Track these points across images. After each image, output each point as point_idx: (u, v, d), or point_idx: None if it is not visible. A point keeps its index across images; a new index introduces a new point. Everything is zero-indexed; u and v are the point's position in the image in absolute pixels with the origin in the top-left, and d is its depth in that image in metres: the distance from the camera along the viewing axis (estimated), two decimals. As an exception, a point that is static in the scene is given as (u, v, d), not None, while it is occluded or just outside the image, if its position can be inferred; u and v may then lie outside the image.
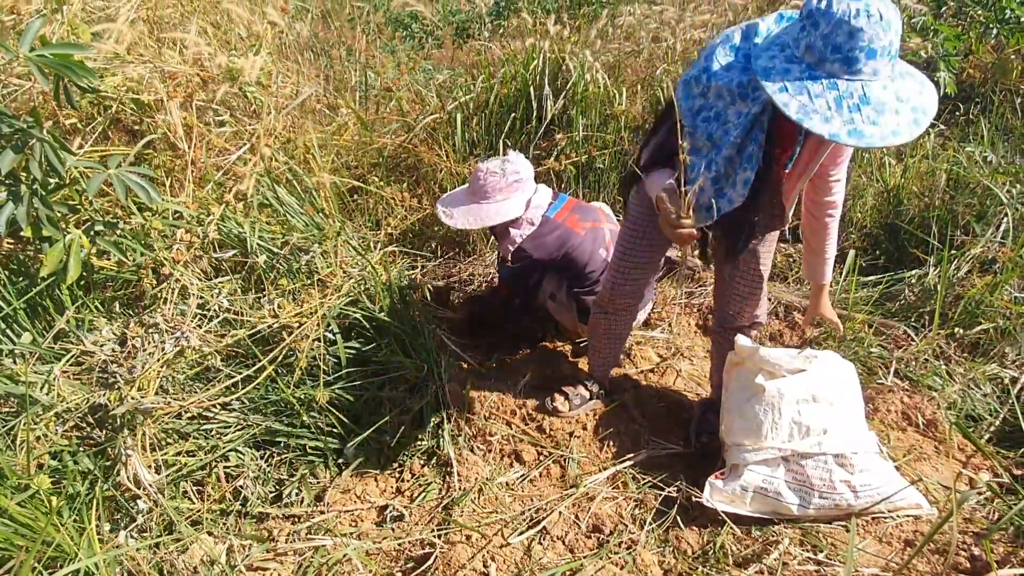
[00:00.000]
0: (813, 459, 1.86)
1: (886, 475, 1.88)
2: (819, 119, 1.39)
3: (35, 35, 1.66)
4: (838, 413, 1.92)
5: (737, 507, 1.90)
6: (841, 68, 1.39)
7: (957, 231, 2.94)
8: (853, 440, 1.88)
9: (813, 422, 1.89)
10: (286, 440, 2.11)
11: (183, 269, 2.09)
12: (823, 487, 1.84)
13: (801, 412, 1.90)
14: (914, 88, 1.43)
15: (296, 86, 3.05)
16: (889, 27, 1.35)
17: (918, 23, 3.62)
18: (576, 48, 3.52)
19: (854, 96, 1.39)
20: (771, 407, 1.92)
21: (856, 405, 1.99)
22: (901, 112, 1.39)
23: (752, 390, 1.98)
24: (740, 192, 1.65)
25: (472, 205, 2.52)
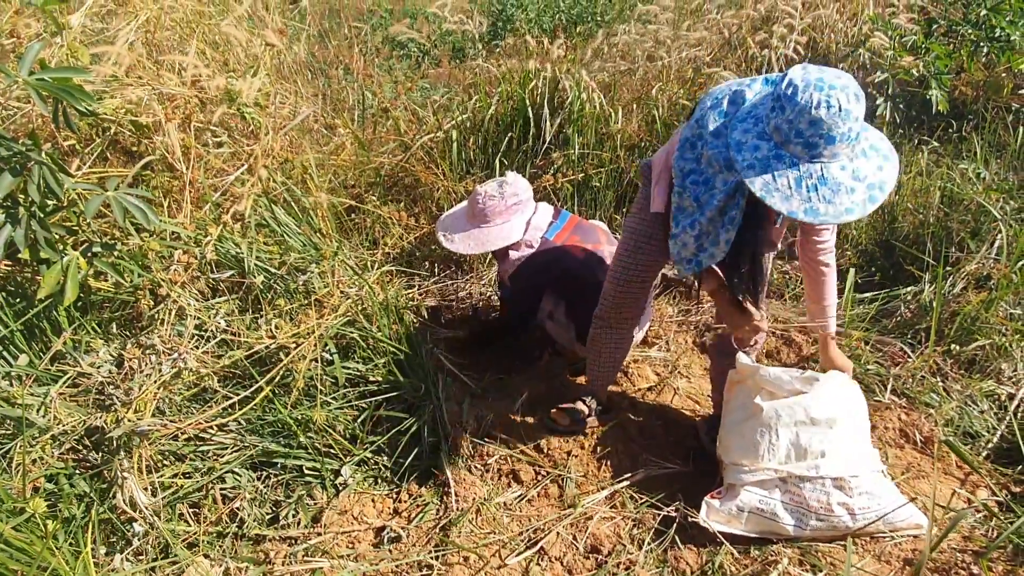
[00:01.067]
0: (811, 482, 1.85)
1: (887, 496, 1.87)
2: (780, 197, 1.51)
3: (34, 59, 1.68)
4: (838, 435, 1.90)
5: (733, 527, 1.90)
6: (803, 151, 1.50)
7: (952, 248, 2.96)
8: (852, 463, 1.87)
9: (811, 444, 1.88)
10: (283, 461, 2.11)
11: (180, 290, 2.09)
12: (820, 509, 1.84)
13: (799, 434, 1.89)
14: (873, 166, 1.53)
15: (294, 106, 3.07)
16: (848, 116, 1.45)
17: (909, 42, 3.66)
18: (572, 67, 3.55)
19: (813, 177, 1.51)
20: (768, 428, 1.91)
21: (860, 426, 1.98)
22: (856, 191, 1.51)
23: (750, 410, 1.97)
24: (722, 249, 1.75)
25: (473, 230, 2.53)
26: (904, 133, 3.72)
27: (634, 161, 3.54)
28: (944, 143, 3.66)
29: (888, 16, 3.75)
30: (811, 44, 3.94)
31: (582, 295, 2.53)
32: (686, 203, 1.77)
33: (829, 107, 1.45)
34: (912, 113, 3.77)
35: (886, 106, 3.59)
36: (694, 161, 1.74)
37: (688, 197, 1.75)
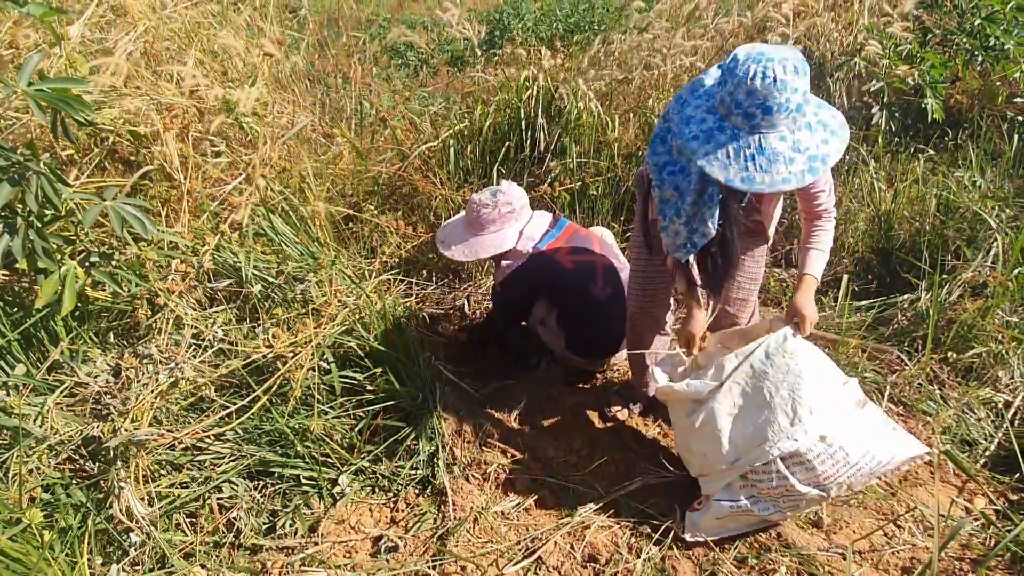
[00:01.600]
0: (763, 471, 1.82)
1: (861, 450, 1.78)
2: (719, 166, 1.60)
3: (33, 69, 1.68)
4: (775, 405, 1.83)
5: (720, 532, 1.94)
6: (743, 122, 1.58)
7: (948, 256, 2.96)
8: (801, 433, 1.78)
9: (750, 432, 1.84)
10: (280, 470, 2.10)
11: (178, 299, 2.09)
12: (786, 494, 1.82)
13: (734, 426, 1.88)
14: (817, 138, 1.59)
15: (292, 116, 3.08)
16: (784, 87, 1.52)
17: (904, 51, 3.67)
18: (569, 76, 3.56)
19: (751, 147, 1.58)
20: (709, 435, 1.91)
21: (804, 380, 1.84)
22: (795, 161, 1.57)
23: (687, 425, 1.97)
24: (711, 227, 1.80)
25: (468, 237, 2.55)
26: (900, 141, 3.73)
27: (631, 169, 3.55)
28: (940, 151, 3.67)
29: (883, 25, 3.76)
30: (806, 53, 3.96)
31: (573, 304, 2.54)
32: (667, 194, 1.83)
33: (764, 77, 1.51)
34: (908, 121, 3.78)
35: (882, 115, 3.60)
36: (666, 154, 1.82)
37: (668, 188, 1.82)
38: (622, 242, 3.49)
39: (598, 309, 2.54)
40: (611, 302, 2.54)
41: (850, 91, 3.87)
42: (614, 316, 2.54)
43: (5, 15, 2.19)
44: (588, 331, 2.58)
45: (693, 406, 1.96)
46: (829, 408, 1.82)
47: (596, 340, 2.61)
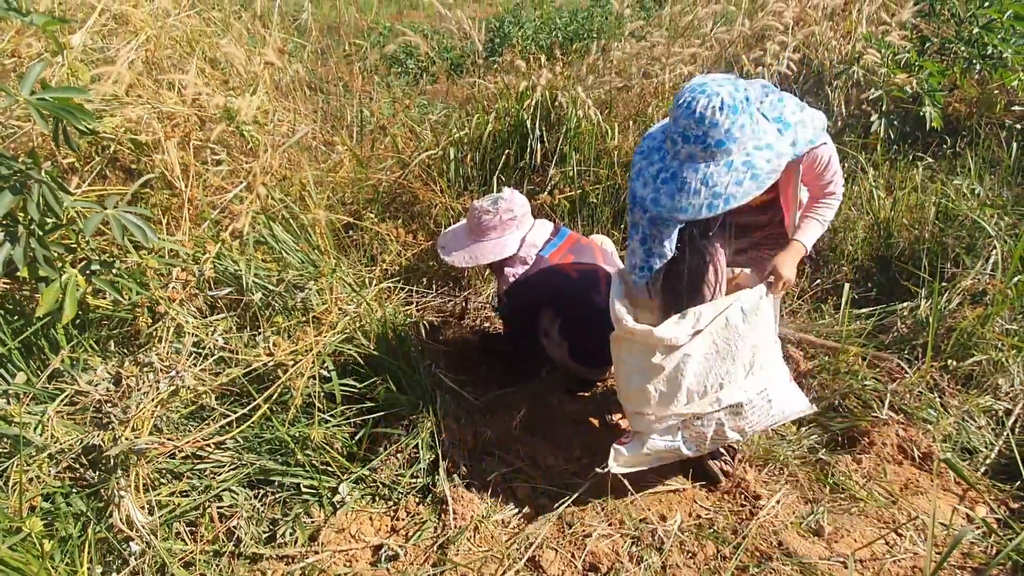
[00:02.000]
0: (707, 417, 1.96)
1: (779, 403, 1.98)
2: (640, 183, 1.72)
3: (35, 79, 1.69)
4: (737, 359, 1.95)
5: (639, 467, 2.05)
6: (670, 146, 1.67)
7: (947, 263, 2.97)
8: (749, 386, 1.96)
9: (710, 381, 1.95)
10: (280, 479, 2.10)
11: (178, 308, 2.09)
12: (715, 437, 2.00)
13: (697, 375, 1.94)
14: (730, 179, 1.61)
15: (292, 124, 3.09)
16: (702, 121, 1.58)
17: (902, 59, 3.69)
18: (568, 85, 3.57)
19: (668, 171, 1.67)
20: (671, 380, 1.95)
21: (755, 339, 1.96)
22: (699, 194, 1.62)
23: (650, 367, 1.97)
24: (669, 250, 1.85)
25: (469, 243, 2.56)
26: (899, 149, 3.74)
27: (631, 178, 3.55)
28: (938, 159, 3.68)
29: (881, 34, 3.78)
30: (805, 61, 3.98)
31: (576, 313, 2.53)
32: (636, 217, 1.88)
33: (688, 108, 1.57)
34: (906, 129, 3.80)
35: (880, 123, 3.62)
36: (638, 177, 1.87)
37: (637, 211, 1.85)
38: (622, 250, 3.50)
39: (601, 318, 2.54)
40: (613, 310, 2.55)
41: (849, 99, 3.89)
42: None
43: (8, 24, 2.20)
44: (591, 340, 2.57)
45: (665, 350, 1.95)
46: (771, 362, 2.01)
47: (598, 349, 2.60)
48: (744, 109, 1.60)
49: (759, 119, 1.67)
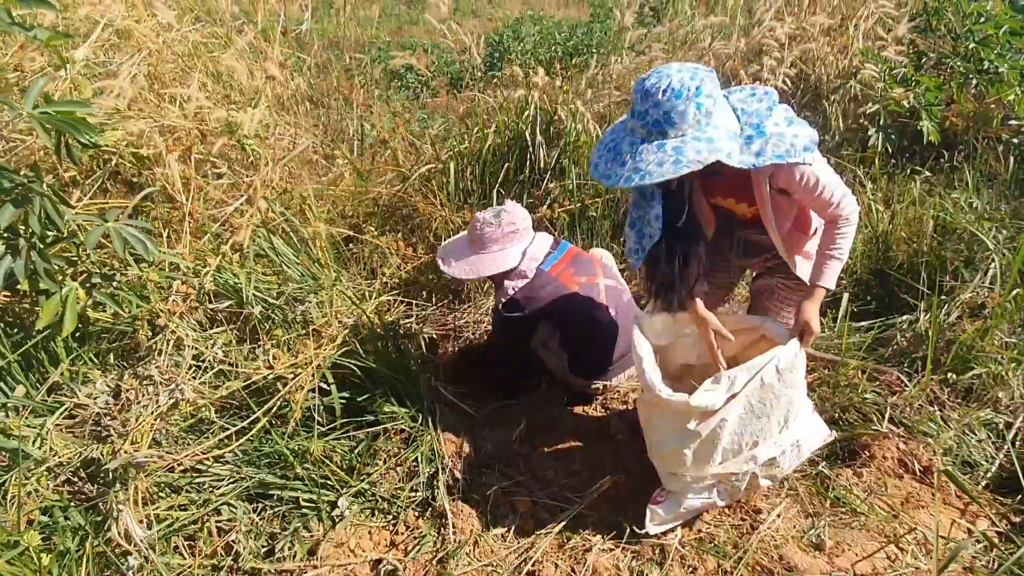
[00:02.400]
0: (742, 473, 1.94)
1: (805, 447, 1.98)
2: (595, 151, 1.75)
3: (39, 93, 1.70)
4: (772, 416, 1.92)
5: (675, 523, 2.03)
6: (626, 120, 1.72)
7: (946, 276, 2.98)
8: (783, 439, 1.94)
9: (744, 439, 1.92)
10: (279, 493, 2.09)
11: (179, 321, 2.09)
12: (748, 487, 1.99)
13: (732, 435, 1.92)
14: (654, 159, 1.62)
15: (293, 137, 3.10)
16: (646, 99, 1.62)
17: (899, 74, 3.72)
18: (568, 98, 3.60)
19: (615, 143, 1.71)
20: (706, 443, 1.91)
21: (790, 395, 1.93)
22: (625, 166, 1.65)
23: (685, 433, 1.92)
24: (655, 227, 1.87)
25: (470, 255, 2.56)
26: (896, 163, 3.76)
27: (630, 190, 3.56)
28: (936, 173, 3.70)
29: (878, 49, 3.81)
30: (802, 76, 4.01)
31: (576, 326, 2.54)
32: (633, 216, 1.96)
33: (640, 85, 1.63)
34: (904, 143, 3.82)
35: (878, 136, 3.64)
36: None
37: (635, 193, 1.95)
38: (621, 263, 3.51)
39: (601, 330, 2.55)
40: (613, 323, 2.56)
41: (846, 113, 3.91)
42: (615, 336, 2.55)
43: (11, 39, 2.22)
44: (590, 352, 2.58)
45: (700, 416, 1.91)
46: (803, 411, 2.00)
47: (598, 361, 2.61)
48: (690, 97, 1.59)
49: (716, 113, 1.65)
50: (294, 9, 4.60)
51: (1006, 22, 3.62)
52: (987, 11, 3.74)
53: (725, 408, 1.88)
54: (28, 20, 2.20)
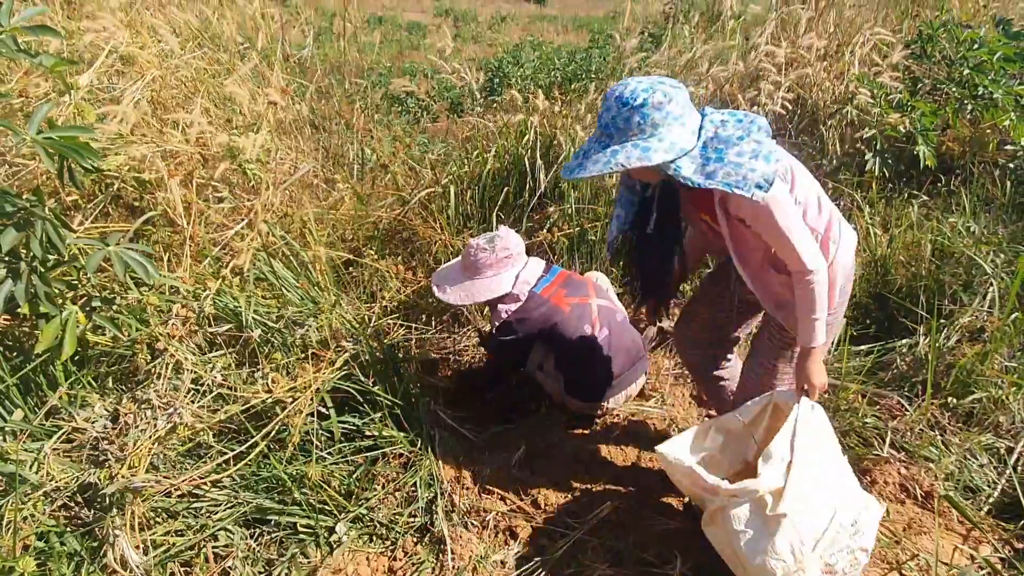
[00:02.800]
0: (840, 550, 1.77)
1: (874, 509, 1.86)
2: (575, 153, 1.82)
3: (43, 118, 1.72)
4: (831, 474, 1.87)
5: None
6: None
7: (945, 300, 2.98)
8: (853, 501, 1.84)
9: (825, 513, 1.79)
10: (277, 518, 2.08)
11: (178, 344, 2.09)
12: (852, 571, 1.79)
13: (812, 511, 1.78)
14: (601, 159, 1.71)
15: (294, 162, 3.12)
16: (606, 105, 1.72)
17: (895, 99, 3.75)
18: (567, 123, 3.62)
19: (586, 144, 1.79)
20: (797, 527, 1.77)
21: (832, 452, 1.92)
22: (576, 159, 1.78)
23: (770, 523, 1.79)
24: (614, 226, 2.07)
25: (464, 281, 2.57)
26: (894, 187, 3.78)
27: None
28: (933, 197, 3.72)
29: (873, 75, 3.85)
30: (799, 101, 4.05)
31: (570, 346, 2.54)
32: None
33: (610, 91, 1.72)
34: (901, 168, 3.84)
35: (875, 161, 3.66)
36: None
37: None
38: (620, 287, 3.51)
39: (595, 350, 2.55)
40: (607, 343, 2.56)
41: (843, 138, 3.94)
42: (611, 357, 2.55)
43: (17, 65, 2.25)
44: (586, 373, 2.58)
45: (773, 497, 1.79)
46: (848, 473, 1.93)
47: (594, 382, 2.60)
48: (635, 107, 1.65)
49: (664, 126, 1.68)
50: (295, 35, 4.66)
51: (1000, 48, 3.66)
52: (980, 38, 3.78)
53: (790, 480, 1.78)
54: (34, 47, 2.22)
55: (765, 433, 2.07)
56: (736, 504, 1.80)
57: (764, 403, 2.06)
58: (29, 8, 1.87)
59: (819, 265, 1.77)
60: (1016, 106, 3.56)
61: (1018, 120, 3.52)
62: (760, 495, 1.77)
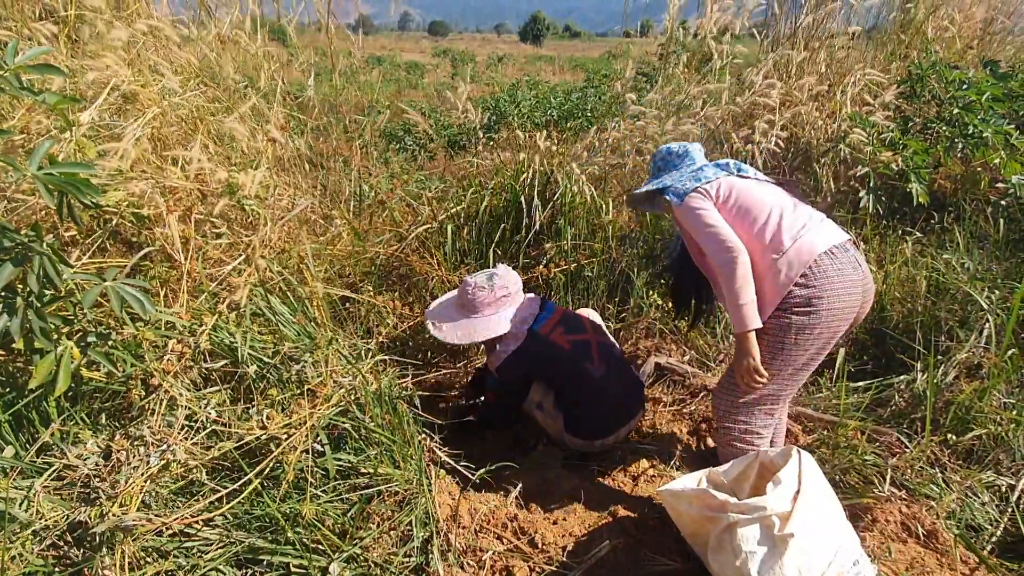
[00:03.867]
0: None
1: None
2: None
3: (43, 155, 1.73)
4: (833, 515, 1.90)
5: None
6: None
7: (942, 336, 2.99)
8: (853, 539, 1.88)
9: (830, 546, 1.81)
10: (269, 558, 2.04)
11: (172, 380, 2.08)
12: None
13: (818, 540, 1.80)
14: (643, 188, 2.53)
15: (292, 198, 3.14)
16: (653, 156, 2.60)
17: (887, 138, 3.81)
18: (564, 161, 3.67)
19: None
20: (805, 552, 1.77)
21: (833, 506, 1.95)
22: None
23: (779, 543, 1.79)
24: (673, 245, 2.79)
25: (461, 320, 2.56)
26: (888, 224, 3.82)
27: (625, 251, 3.60)
28: (927, 233, 3.75)
29: (866, 114, 3.91)
30: (792, 139, 4.10)
31: (570, 384, 2.52)
32: None
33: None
34: (894, 205, 3.88)
35: (868, 198, 3.70)
36: None
37: None
38: (618, 323, 3.51)
39: (595, 388, 2.53)
40: (607, 380, 2.54)
41: (837, 175, 3.99)
42: (611, 394, 2.54)
43: (19, 102, 2.27)
44: (586, 411, 2.56)
45: (776, 521, 1.80)
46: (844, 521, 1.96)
47: (595, 420, 2.59)
48: (656, 161, 2.57)
49: (671, 171, 2.49)
50: (295, 74, 4.72)
51: (988, 89, 3.73)
52: (968, 78, 3.86)
53: (796, 506, 1.79)
54: (37, 84, 2.25)
55: (751, 491, 2.08)
56: (745, 524, 1.82)
57: (749, 462, 2.09)
58: (34, 48, 1.90)
59: (726, 260, 2.14)
60: (1006, 144, 3.62)
61: (1008, 158, 3.57)
62: (768, 516, 1.79)
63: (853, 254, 2.18)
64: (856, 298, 2.13)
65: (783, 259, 2.11)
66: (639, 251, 3.64)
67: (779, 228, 2.16)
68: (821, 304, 2.08)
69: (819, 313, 2.08)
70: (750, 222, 2.22)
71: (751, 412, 2.28)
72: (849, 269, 2.12)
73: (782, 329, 2.13)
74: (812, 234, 2.15)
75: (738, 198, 2.26)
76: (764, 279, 2.15)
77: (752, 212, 2.23)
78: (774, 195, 2.30)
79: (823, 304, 2.08)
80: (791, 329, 2.11)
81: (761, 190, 2.31)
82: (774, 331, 2.15)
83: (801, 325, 2.10)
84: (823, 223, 2.22)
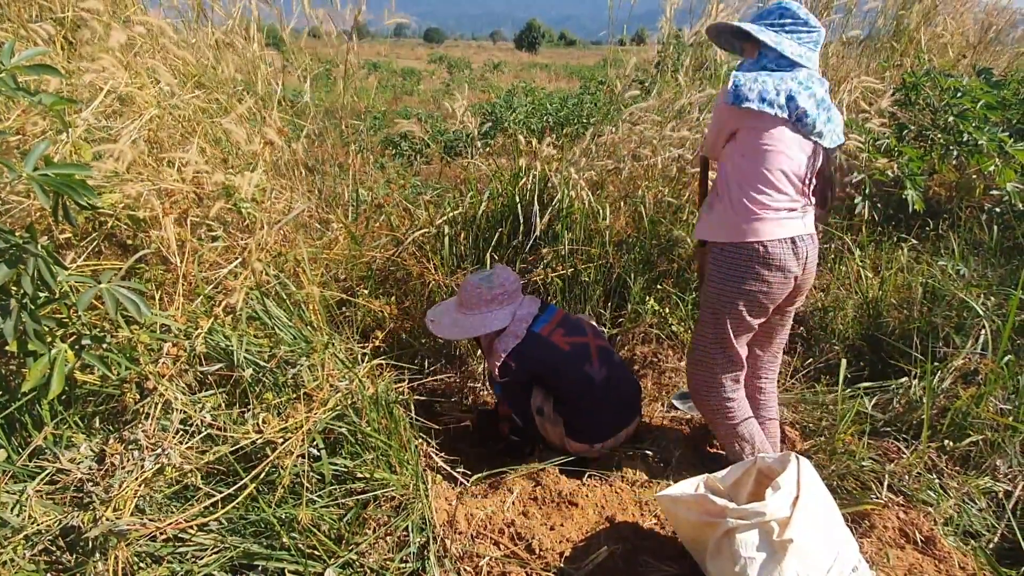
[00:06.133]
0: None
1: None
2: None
3: (39, 156, 1.72)
4: (833, 519, 1.90)
5: None
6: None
7: (938, 342, 2.99)
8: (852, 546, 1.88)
9: (830, 551, 1.81)
10: (264, 563, 2.02)
11: (168, 383, 2.06)
12: None
13: (818, 547, 1.80)
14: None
15: (289, 201, 3.13)
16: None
17: (883, 145, 3.82)
18: (561, 166, 3.66)
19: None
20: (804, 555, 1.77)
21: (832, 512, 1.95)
22: None
23: (778, 549, 1.78)
24: None
25: (458, 316, 2.57)
26: (883, 231, 3.83)
27: (622, 256, 3.60)
28: (922, 240, 3.77)
29: (861, 121, 3.93)
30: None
31: (570, 386, 2.52)
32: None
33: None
34: (890, 211, 3.90)
35: (864, 205, 3.71)
36: None
37: None
38: (614, 328, 3.51)
39: (596, 391, 2.53)
40: (607, 383, 2.54)
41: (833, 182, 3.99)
42: (610, 397, 2.53)
43: (15, 103, 2.25)
44: (587, 415, 2.55)
45: (775, 526, 1.79)
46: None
47: (595, 423, 2.58)
48: (772, 8, 2.30)
49: (782, 39, 2.27)
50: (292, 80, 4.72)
51: (983, 97, 3.75)
52: (963, 86, 3.88)
53: (795, 512, 1.79)
54: (33, 86, 2.24)
55: (749, 497, 2.08)
56: (744, 528, 1.81)
57: (747, 467, 2.08)
58: (30, 48, 1.89)
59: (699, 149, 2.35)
60: (1000, 152, 3.64)
61: (1003, 166, 3.59)
62: (767, 521, 1.78)
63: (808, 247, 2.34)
64: (788, 287, 2.30)
65: (751, 226, 2.23)
66: (636, 256, 3.64)
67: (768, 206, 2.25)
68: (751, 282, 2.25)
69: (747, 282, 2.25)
70: (757, 174, 2.24)
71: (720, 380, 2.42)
72: (792, 263, 2.27)
73: (718, 268, 2.30)
74: (791, 222, 2.30)
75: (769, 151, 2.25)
76: (727, 213, 2.28)
77: (766, 174, 2.25)
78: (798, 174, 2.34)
79: (752, 284, 2.26)
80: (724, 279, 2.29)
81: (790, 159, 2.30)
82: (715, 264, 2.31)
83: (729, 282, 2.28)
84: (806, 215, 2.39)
